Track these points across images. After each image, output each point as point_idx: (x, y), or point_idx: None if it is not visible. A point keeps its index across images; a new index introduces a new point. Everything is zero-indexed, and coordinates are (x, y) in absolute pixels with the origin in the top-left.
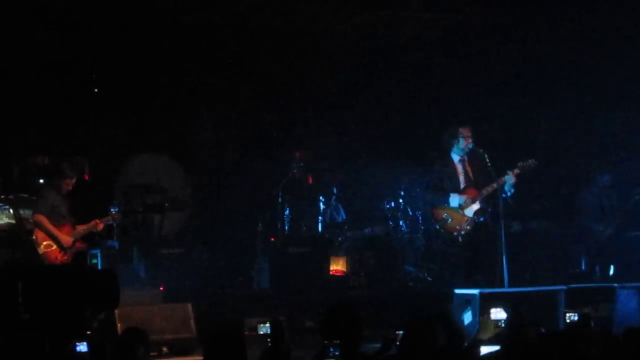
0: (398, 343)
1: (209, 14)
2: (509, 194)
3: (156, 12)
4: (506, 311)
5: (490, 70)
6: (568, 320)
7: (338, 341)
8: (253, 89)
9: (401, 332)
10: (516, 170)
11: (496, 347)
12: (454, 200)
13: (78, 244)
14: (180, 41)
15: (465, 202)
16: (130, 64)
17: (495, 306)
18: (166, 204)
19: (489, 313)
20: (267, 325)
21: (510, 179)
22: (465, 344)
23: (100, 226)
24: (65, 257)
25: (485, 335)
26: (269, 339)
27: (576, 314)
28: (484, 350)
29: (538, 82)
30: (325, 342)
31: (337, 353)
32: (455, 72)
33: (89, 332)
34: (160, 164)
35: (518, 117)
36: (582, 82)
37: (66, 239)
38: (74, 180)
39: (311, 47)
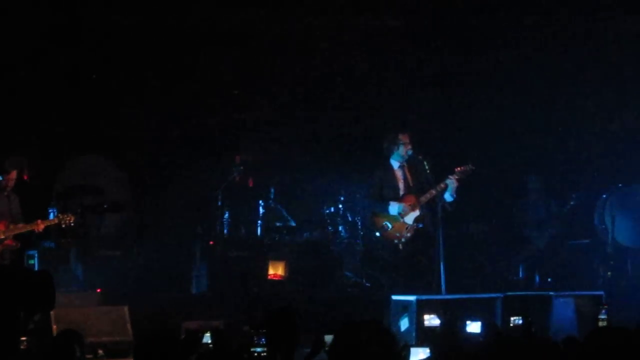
0: (327, 348)
1: (146, 13)
2: (451, 199)
3: (90, 11)
4: (440, 318)
5: (431, 76)
6: (512, 325)
7: (264, 330)
8: (193, 91)
9: (329, 335)
10: (455, 176)
11: (427, 351)
12: (394, 208)
13: (8, 242)
14: (118, 41)
15: (404, 209)
16: (69, 64)
17: (430, 313)
18: (104, 206)
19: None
20: (208, 334)
21: (452, 183)
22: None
23: (41, 227)
24: None
25: None
26: (210, 344)
27: (521, 319)
28: (415, 354)
29: (476, 88)
30: (252, 331)
31: (262, 341)
32: (396, 78)
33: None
34: (98, 166)
35: (457, 123)
36: (521, 87)
37: None
38: (13, 176)
39: (252, 50)
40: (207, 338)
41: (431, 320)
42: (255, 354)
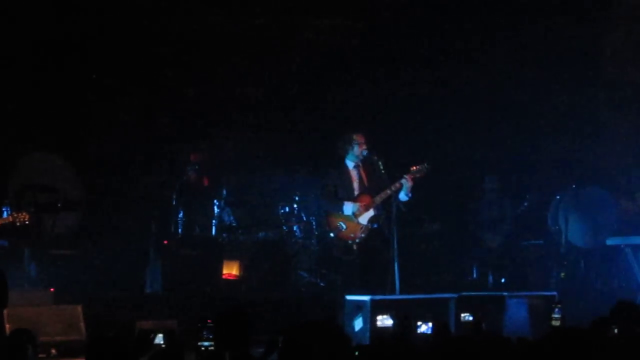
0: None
1: (102, 14)
2: (406, 198)
3: (48, 11)
4: (392, 318)
5: (385, 77)
6: (463, 321)
7: (210, 321)
8: (148, 89)
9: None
10: (410, 175)
11: None
12: (348, 208)
13: None
14: (73, 39)
15: (358, 209)
16: (22, 62)
17: (383, 313)
18: (59, 204)
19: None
20: (160, 335)
21: (406, 182)
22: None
23: None
24: None
25: None
26: (162, 345)
27: (471, 315)
28: None
29: (432, 88)
30: (200, 325)
31: (210, 336)
32: (351, 78)
33: None
34: (53, 164)
35: (413, 122)
36: (476, 87)
37: None
38: None
39: (209, 49)
40: (159, 339)
41: (384, 320)
42: (203, 348)
